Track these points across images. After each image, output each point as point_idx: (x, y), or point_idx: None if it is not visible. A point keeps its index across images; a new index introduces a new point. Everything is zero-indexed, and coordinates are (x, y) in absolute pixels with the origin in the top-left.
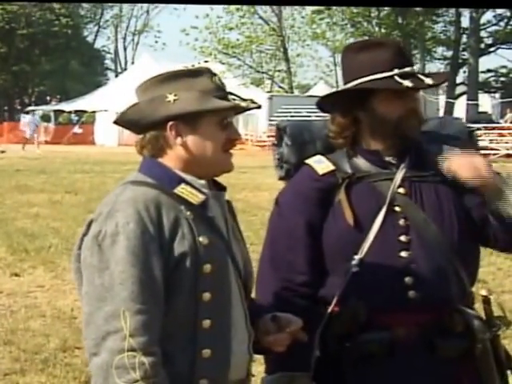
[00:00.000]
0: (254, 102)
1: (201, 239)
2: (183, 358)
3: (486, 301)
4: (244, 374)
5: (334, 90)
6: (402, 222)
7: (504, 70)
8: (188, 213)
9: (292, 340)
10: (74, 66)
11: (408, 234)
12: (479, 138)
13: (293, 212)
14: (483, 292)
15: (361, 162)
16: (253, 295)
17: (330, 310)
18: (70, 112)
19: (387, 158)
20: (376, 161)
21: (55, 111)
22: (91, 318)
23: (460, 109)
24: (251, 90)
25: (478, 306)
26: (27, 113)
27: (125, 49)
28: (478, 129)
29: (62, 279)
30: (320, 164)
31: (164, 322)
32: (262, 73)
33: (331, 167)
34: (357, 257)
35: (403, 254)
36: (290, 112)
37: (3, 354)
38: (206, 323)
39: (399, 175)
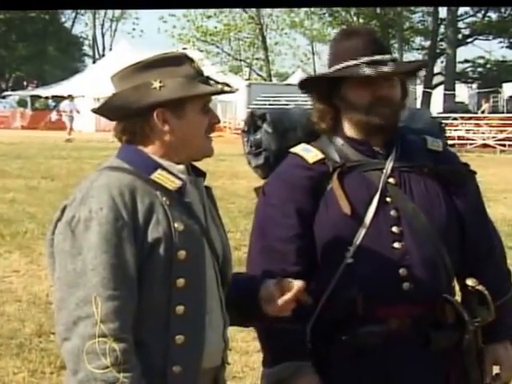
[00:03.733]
0: (228, 86)
1: (176, 225)
2: (156, 345)
3: (473, 291)
4: (219, 361)
5: (307, 76)
6: (393, 212)
7: (481, 61)
8: (164, 198)
9: (296, 303)
10: (52, 52)
11: (400, 225)
12: (456, 128)
13: (282, 201)
14: (470, 282)
15: (349, 151)
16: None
17: (322, 301)
18: (46, 97)
19: (375, 148)
20: (365, 150)
21: (32, 96)
22: (63, 304)
23: (437, 98)
24: (230, 78)
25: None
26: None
27: (103, 35)
28: (455, 119)
29: (38, 264)
30: (309, 152)
31: (137, 308)
32: (240, 60)
33: (320, 155)
34: (351, 248)
35: (396, 245)
36: (269, 100)
37: None
38: (180, 309)
39: (389, 165)
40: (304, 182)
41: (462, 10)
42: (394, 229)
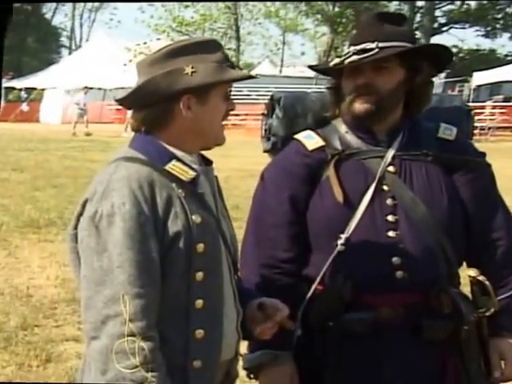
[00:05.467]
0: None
1: (194, 218)
2: (177, 340)
3: (474, 282)
4: (233, 353)
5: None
6: (389, 201)
7: (454, 50)
8: (180, 190)
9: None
10: (31, 43)
11: (395, 214)
12: None
13: (277, 188)
14: (471, 273)
15: (352, 139)
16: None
17: (313, 288)
18: (20, 89)
19: (379, 136)
20: (367, 138)
21: (6, 88)
22: (91, 302)
23: None
24: None
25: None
26: None
27: (81, 26)
28: None
29: (16, 257)
30: (310, 139)
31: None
32: None
33: (321, 143)
34: (343, 235)
35: (391, 233)
36: (233, 90)
37: None
38: (199, 303)
39: (390, 153)
40: (301, 170)
41: None
42: (390, 217)
